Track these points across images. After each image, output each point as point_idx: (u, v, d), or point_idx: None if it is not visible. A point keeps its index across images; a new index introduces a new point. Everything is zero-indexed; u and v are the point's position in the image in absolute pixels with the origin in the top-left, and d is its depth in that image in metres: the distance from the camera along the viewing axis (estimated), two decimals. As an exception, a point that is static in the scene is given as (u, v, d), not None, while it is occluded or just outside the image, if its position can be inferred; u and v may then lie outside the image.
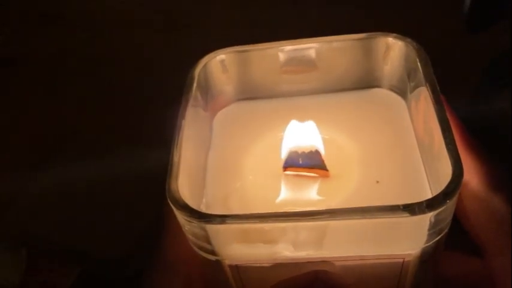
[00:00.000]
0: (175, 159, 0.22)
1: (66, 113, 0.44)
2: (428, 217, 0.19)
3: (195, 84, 0.26)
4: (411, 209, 0.19)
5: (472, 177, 0.24)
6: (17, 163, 0.44)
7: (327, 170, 0.24)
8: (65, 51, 0.42)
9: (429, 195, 0.23)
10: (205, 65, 0.27)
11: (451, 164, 0.20)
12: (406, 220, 0.19)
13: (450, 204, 0.19)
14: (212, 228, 0.21)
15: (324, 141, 0.25)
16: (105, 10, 0.41)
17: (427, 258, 0.22)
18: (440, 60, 0.25)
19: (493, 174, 0.24)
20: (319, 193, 0.24)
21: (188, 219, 0.21)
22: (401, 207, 0.19)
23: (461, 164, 0.20)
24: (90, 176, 0.43)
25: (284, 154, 0.25)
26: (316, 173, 0.25)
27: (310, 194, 0.24)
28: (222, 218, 0.20)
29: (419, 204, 0.19)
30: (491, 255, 0.24)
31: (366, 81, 0.28)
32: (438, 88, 0.23)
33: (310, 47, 0.27)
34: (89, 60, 0.43)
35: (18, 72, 0.44)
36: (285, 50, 0.27)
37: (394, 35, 0.26)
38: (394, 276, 0.23)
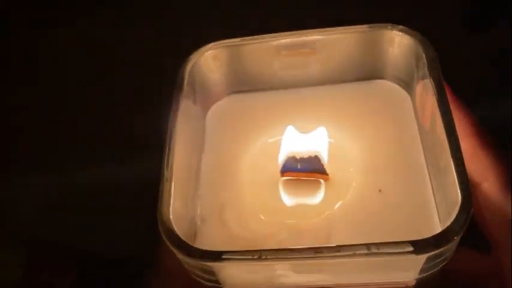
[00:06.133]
0: (166, 184, 0.21)
1: (66, 114, 0.44)
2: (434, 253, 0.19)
3: (185, 84, 0.24)
4: (417, 248, 0.18)
5: (487, 176, 0.24)
6: (17, 164, 0.44)
7: (327, 174, 0.24)
8: (63, 52, 0.42)
9: (433, 207, 0.22)
10: (195, 62, 0.26)
11: (460, 195, 0.19)
12: (411, 256, 0.18)
13: (457, 240, 0.19)
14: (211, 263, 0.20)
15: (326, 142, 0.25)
16: (104, 10, 0.41)
17: (431, 281, 0.21)
18: (440, 60, 0.25)
19: (508, 173, 0.24)
20: (319, 201, 0.23)
21: (185, 258, 0.20)
22: (408, 246, 0.18)
23: (470, 196, 0.19)
24: (90, 176, 0.43)
25: (281, 159, 0.24)
26: (316, 177, 0.24)
27: (310, 202, 0.23)
28: (219, 256, 0.19)
29: (426, 242, 0.18)
30: (502, 253, 0.24)
31: (369, 73, 0.27)
32: (444, 85, 0.22)
33: (313, 39, 0.26)
34: (88, 60, 0.43)
35: (16, 72, 0.43)
36: (285, 41, 0.26)
37: (400, 27, 0.25)
38: None
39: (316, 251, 0.18)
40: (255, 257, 0.19)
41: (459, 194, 0.19)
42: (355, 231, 0.22)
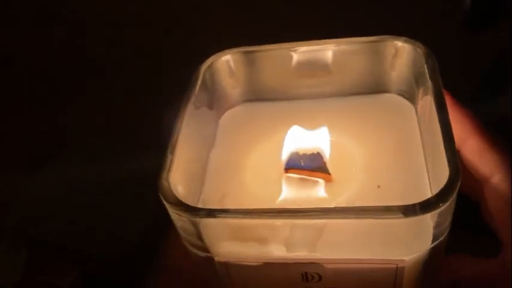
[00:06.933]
0: (169, 153, 0.22)
1: (65, 114, 0.44)
2: (419, 220, 0.19)
3: (199, 82, 0.26)
4: (404, 210, 0.18)
5: (495, 172, 0.24)
6: (16, 163, 0.44)
7: (329, 174, 0.24)
8: (64, 51, 0.42)
9: None
10: (211, 64, 0.27)
11: (448, 166, 0.19)
12: (397, 222, 0.19)
13: (444, 209, 0.19)
14: (201, 223, 0.21)
15: (330, 144, 0.25)
16: (105, 10, 0.41)
17: (425, 266, 0.21)
18: (440, 60, 0.25)
19: None
20: (318, 196, 0.24)
21: (177, 212, 0.21)
22: (394, 208, 0.18)
23: (458, 168, 0.19)
24: (90, 176, 0.43)
25: (285, 156, 0.25)
26: (318, 177, 0.24)
27: (308, 196, 0.24)
28: (209, 212, 0.20)
29: (413, 206, 0.18)
30: (510, 250, 0.24)
31: (374, 86, 0.28)
32: (443, 94, 0.23)
33: (319, 49, 0.27)
34: (88, 60, 0.43)
35: (16, 72, 0.43)
36: (293, 51, 0.27)
37: (404, 38, 0.25)
38: (389, 283, 0.22)
39: (304, 210, 0.19)
40: (244, 213, 0.20)
41: (447, 166, 0.19)
42: None
